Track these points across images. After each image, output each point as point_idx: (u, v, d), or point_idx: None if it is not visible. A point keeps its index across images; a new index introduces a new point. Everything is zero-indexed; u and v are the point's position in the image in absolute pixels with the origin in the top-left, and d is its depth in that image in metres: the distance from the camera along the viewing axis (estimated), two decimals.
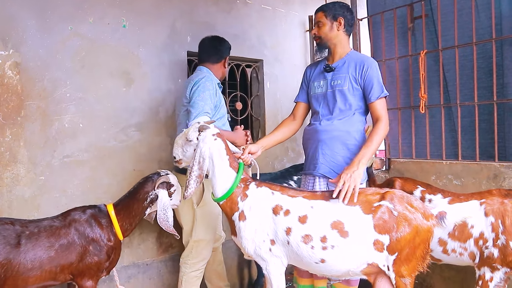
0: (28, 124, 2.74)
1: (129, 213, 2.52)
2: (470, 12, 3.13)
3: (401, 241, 2.01)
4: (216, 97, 2.75)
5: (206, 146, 2.23)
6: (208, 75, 2.78)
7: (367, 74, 2.49)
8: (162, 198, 2.53)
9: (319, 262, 2.12)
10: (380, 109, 2.49)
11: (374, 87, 2.48)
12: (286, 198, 2.22)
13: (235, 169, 2.29)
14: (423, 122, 3.44)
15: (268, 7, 4.06)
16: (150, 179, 2.58)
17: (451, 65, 3.25)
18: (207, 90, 2.65)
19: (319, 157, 2.54)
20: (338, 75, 2.56)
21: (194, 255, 2.77)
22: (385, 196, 2.09)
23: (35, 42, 2.76)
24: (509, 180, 2.80)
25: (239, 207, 2.26)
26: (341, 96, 2.53)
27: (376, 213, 2.05)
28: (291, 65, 4.23)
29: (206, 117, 2.56)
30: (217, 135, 2.28)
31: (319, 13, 2.59)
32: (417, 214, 2.04)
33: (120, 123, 3.13)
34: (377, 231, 2.04)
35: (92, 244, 2.39)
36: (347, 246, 2.06)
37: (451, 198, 2.60)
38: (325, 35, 2.57)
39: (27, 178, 2.75)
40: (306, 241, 2.11)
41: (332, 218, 2.10)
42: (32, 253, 2.20)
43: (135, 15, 3.19)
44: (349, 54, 2.59)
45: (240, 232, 2.25)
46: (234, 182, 2.25)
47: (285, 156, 4.13)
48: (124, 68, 3.14)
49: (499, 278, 2.36)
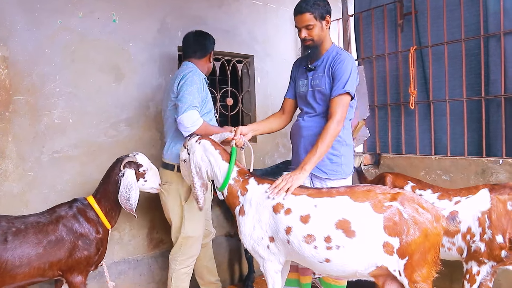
0: (17, 119, 2.71)
1: (109, 198, 2.51)
2: (453, 9, 3.19)
3: (412, 244, 1.91)
4: (203, 92, 2.73)
5: (196, 154, 2.33)
6: (195, 70, 2.76)
7: (336, 69, 2.42)
8: (127, 177, 2.49)
9: (323, 262, 2.05)
10: (335, 107, 2.37)
11: (337, 84, 2.39)
12: (289, 196, 2.18)
13: (227, 161, 2.32)
14: (412, 118, 3.48)
15: (259, 2, 4.05)
16: (118, 160, 2.57)
17: (434, 62, 3.32)
18: (194, 84, 2.62)
19: (302, 153, 2.55)
20: (316, 75, 2.54)
21: (183, 252, 2.76)
22: (395, 197, 1.99)
23: (23, 36, 2.73)
24: (496, 175, 2.85)
25: (239, 201, 2.28)
26: (321, 96, 2.51)
27: (386, 213, 1.95)
28: (282, 60, 4.23)
29: (195, 111, 2.55)
30: (198, 139, 2.36)
31: (305, 14, 2.44)
32: (427, 215, 1.94)
33: (110, 118, 3.10)
34: (387, 233, 1.94)
35: (81, 239, 2.37)
36: (354, 247, 1.97)
37: (441, 193, 2.63)
38: (318, 37, 2.48)
39: (16, 174, 2.72)
40: (309, 241, 2.05)
41: (338, 217, 2.01)
42: (19, 250, 2.18)
43: (125, 9, 3.16)
44: (328, 50, 2.53)
45: (240, 227, 2.26)
46: (229, 169, 2.29)
47: (276, 151, 4.13)
48: (114, 63, 3.12)
49: (485, 271, 2.41)
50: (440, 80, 3.33)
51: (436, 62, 3.34)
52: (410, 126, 3.53)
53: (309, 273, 2.65)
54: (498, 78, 3.00)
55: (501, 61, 2.95)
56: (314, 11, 2.43)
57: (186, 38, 2.94)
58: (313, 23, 2.44)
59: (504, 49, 2.95)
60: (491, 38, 3.05)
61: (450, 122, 3.23)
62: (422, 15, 3.41)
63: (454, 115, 3.24)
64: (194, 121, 2.54)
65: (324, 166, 2.49)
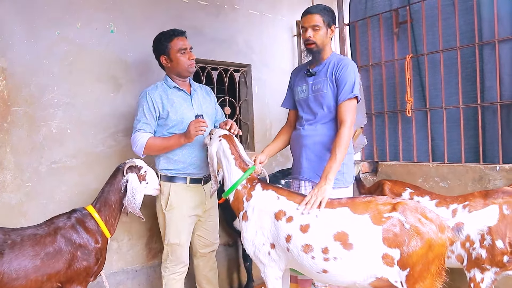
0: (15, 130, 2.71)
1: (110, 207, 2.51)
2: (448, 18, 3.23)
3: (413, 256, 1.87)
4: (160, 108, 2.66)
5: (212, 147, 2.45)
6: (152, 87, 2.72)
7: (341, 74, 2.45)
8: (132, 181, 2.53)
9: (321, 272, 2.05)
10: (345, 112, 2.41)
11: (345, 88, 2.42)
12: (292, 204, 2.18)
13: (242, 169, 2.37)
14: (409, 125, 3.50)
15: (256, 12, 4.08)
16: (118, 168, 2.58)
17: (430, 70, 3.37)
18: (140, 107, 2.68)
19: (303, 162, 2.56)
20: (318, 80, 2.55)
21: (171, 259, 2.75)
22: (396, 207, 1.95)
23: (21, 47, 2.74)
24: (494, 181, 2.86)
25: (244, 207, 2.30)
26: (322, 100, 2.52)
27: (385, 224, 1.93)
28: (279, 69, 4.25)
29: (136, 133, 2.64)
30: (223, 137, 2.45)
31: (315, 15, 2.48)
32: (431, 226, 1.89)
33: (108, 128, 3.11)
34: (387, 245, 1.91)
35: (80, 250, 2.35)
36: (352, 259, 1.96)
37: (438, 200, 2.64)
38: (321, 41, 2.50)
39: (14, 185, 2.71)
40: (307, 251, 2.05)
41: (336, 229, 2.00)
42: (16, 262, 2.16)
43: (123, 20, 3.18)
44: (329, 57, 2.57)
45: (242, 232, 2.28)
46: (238, 180, 2.34)
47: (274, 160, 4.13)
48: (112, 73, 3.13)
49: (489, 278, 2.38)
50: (436, 87, 3.35)
51: (432, 70, 3.36)
52: (408, 133, 3.54)
53: (308, 284, 2.64)
54: (493, 85, 3.02)
55: (496, 68, 2.98)
56: (324, 15, 2.50)
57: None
58: (320, 25, 2.49)
59: (499, 57, 2.97)
60: (486, 46, 3.08)
61: (447, 129, 3.25)
62: (418, 24, 3.45)
63: (451, 122, 3.26)
64: (135, 143, 2.65)
65: None
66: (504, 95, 2.98)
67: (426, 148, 3.42)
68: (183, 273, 2.81)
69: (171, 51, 2.70)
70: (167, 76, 2.80)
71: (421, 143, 3.47)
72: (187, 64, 2.72)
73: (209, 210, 2.88)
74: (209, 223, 2.90)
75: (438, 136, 3.36)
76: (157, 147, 2.66)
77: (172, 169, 2.72)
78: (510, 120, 2.98)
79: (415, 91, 3.48)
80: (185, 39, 2.75)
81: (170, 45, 2.70)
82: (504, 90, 2.98)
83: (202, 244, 2.91)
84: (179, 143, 2.62)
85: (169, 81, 2.78)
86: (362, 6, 3.85)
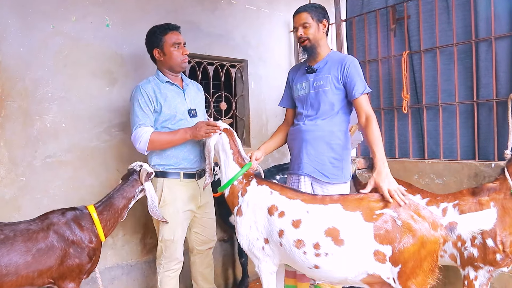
0: (9, 124, 2.69)
1: (114, 213, 2.49)
2: (445, 14, 3.22)
3: (405, 252, 1.87)
4: (154, 101, 2.65)
5: (211, 139, 2.46)
6: (144, 81, 2.71)
7: (349, 71, 2.49)
8: (149, 189, 2.54)
9: (312, 268, 2.05)
10: (366, 105, 2.47)
11: (357, 84, 2.48)
12: (284, 199, 2.18)
13: (239, 165, 2.38)
14: (405, 122, 3.50)
15: (253, 7, 4.06)
16: (133, 176, 2.55)
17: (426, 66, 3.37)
18: (135, 102, 2.64)
19: (303, 157, 2.55)
20: (320, 76, 2.57)
21: (165, 256, 2.74)
22: (388, 203, 1.98)
23: (15, 40, 2.72)
24: (489, 178, 2.86)
25: (238, 201, 2.32)
26: (324, 96, 2.54)
27: (377, 221, 1.93)
28: (276, 65, 4.24)
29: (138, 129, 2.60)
30: (223, 130, 2.46)
31: (303, 13, 2.56)
32: (424, 223, 1.89)
33: (103, 122, 3.09)
34: (378, 241, 1.91)
35: (73, 247, 2.33)
36: (343, 255, 1.97)
37: (429, 199, 2.64)
38: (313, 36, 2.56)
39: (8, 179, 2.70)
40: (299, 246, 2.05)
41: (327, 225, 2.01)
42: (6, 258, 2.13)
43: (119, 14, 3.16)
44: (329, 54, 2.61)
45: (237, 227, 2.29)
46: (234, 175, 2.36)
47: (270, 156, 4.13)
48: (107, 67, 3.11)
49: (483, 276, 2.38)
50: (432, 84, 3.35)
51: (429, 67, 3.36)
52: (403, 130, 3.54)
53: (306, 279, 2.64)
54: (490, 82, 3.02)
55: (493, 65, 2.98)
56: (311, 12, 2.57)
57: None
58: (309, 22, 2.56)
59: (496, 54, 2.97)
60: (482, 43, 3.07)
61: (443, 126, 3.25)
62: (415, 20, 3.44)
63: (447, 119, 3.26)
64: (138, 139, 2.60)
65: (326, 170, 2.50)
66: (500, 92, 2.98)
67: (421, 145, 3.42)
68: (178, 270, 2.80)
69: (165, 44, 2.69)
70: (159, 70, 2.78)
71: (417, 140, 3.48)
72: (180, 59, 2.72)
73: (205, 206, 2.87)
74: (205, 220, 2.89)
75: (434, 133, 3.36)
76: (162, 142, 2.62)
77: (164, 164, 2.70)
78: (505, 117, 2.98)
79: (411, 88, 3.48)
80: (179, 34, 2.74)
81: (165, 38, 2.69)
82: (500, 87, 2.98)
83: (199, 241, 2.91)
84: (185, 138, 2.60)
85: (161, 75, 2.76)
86: (359, 2, 3.84)
